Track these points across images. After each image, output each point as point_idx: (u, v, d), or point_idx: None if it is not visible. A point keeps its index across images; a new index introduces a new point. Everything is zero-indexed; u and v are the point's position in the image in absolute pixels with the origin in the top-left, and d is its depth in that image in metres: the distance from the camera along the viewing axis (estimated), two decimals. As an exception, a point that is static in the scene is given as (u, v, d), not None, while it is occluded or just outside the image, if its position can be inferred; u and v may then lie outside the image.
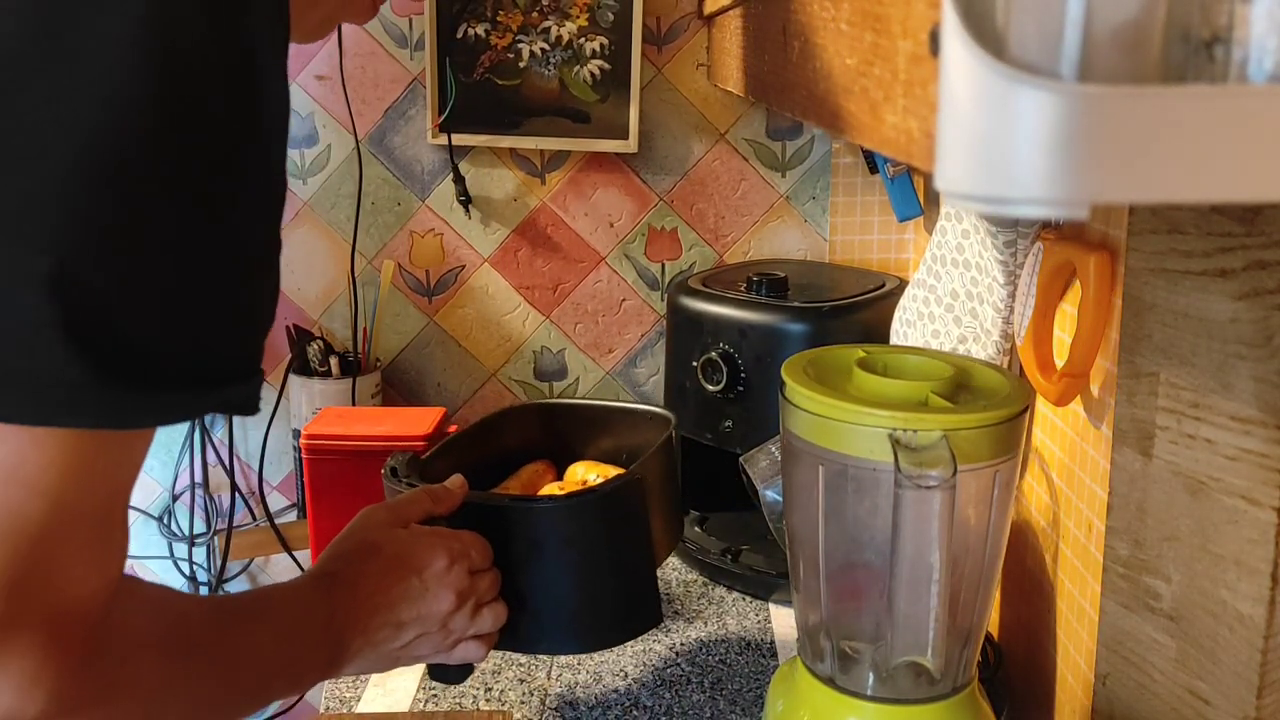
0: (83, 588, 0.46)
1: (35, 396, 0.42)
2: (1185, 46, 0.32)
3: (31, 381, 0.42)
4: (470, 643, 0.80)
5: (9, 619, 0.43)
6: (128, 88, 0.42)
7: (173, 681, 0.54)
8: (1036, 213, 0.32)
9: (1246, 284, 0.61)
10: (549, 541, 0.84)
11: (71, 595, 0.45)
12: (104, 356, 0.43)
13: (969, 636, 0.80)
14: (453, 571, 0.76)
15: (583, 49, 1.35)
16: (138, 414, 0.45)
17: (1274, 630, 0.62)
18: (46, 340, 0.42)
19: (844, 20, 0.52)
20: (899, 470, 0.69)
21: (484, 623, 0.80)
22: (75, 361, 0.42)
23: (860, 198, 1.44)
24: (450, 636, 0.78)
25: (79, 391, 0.43)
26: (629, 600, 0.88)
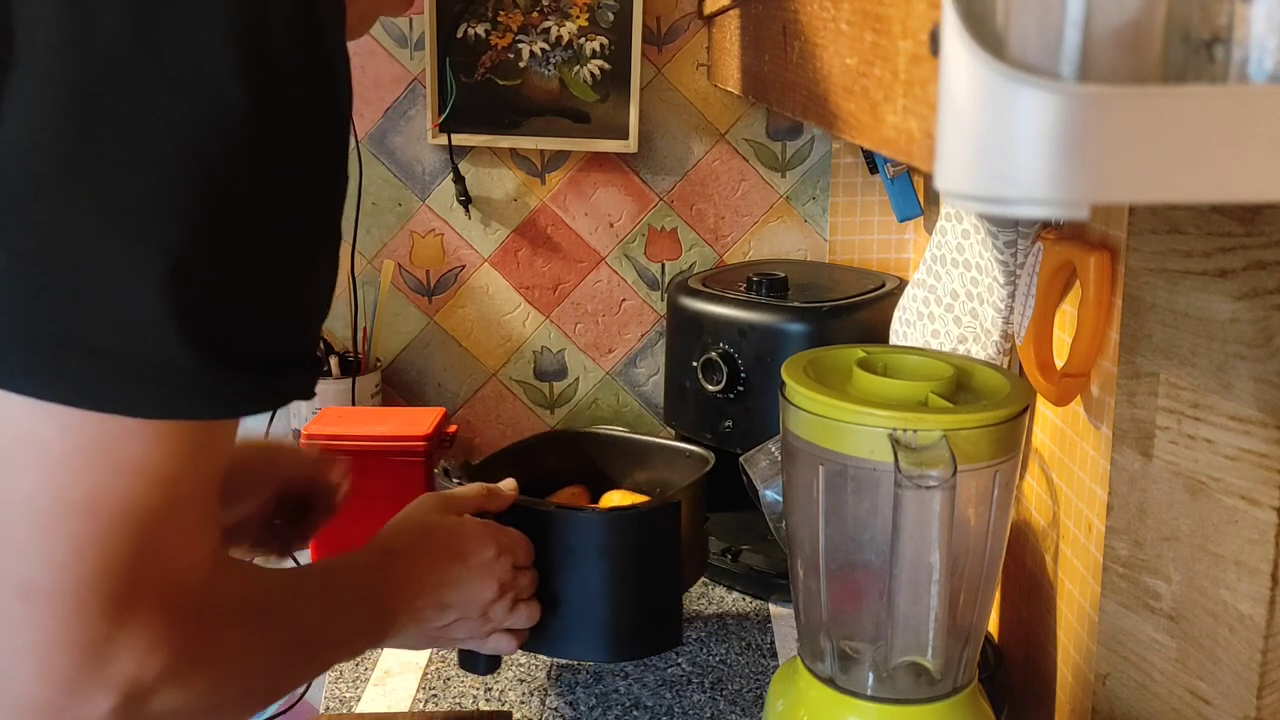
0: (189, 562, 0.50)
1: (153, 390, 0.46)
2: (1185, 46, 0.32)
3: (149, 375, 0.46)
4: (503, 635, 0.84)
5: (129, 595, 0.47)
6: (221, 95, 0.45)
7: (259, 647, 0.58)
8: (1036, 213, 0.32)
9: (1246, 284, 0.61)
10: (586, 550, 0.89)
11: (180, 570, 0.49)
12: (211, 349, 0.47)
13: (969, 636, 0.80)
14: (498, 563, 0.81)
15: (583, 49, 1.35)
16: (241, 403, 0.49)
17: (1274, 630, 0.62)
18: (161, 335, 0.45)
19: (844, 20, 0.52)
20: (899, 470, 0.69)
21: (519, 617, 0.84)
22: (186, 354, 0.46)
23: (860, 198, 1.44)
24: (487, 625, 0.81)
25: (190, 383, 0.46)
26: (653, 617, 0.93)
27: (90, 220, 0.45)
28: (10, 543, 0.46)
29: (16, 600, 0.46)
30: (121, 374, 0.45)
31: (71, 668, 0.46)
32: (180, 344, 0.46)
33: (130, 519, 0.47)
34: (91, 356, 0.45)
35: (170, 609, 0.49)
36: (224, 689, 0.54)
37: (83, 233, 0.45)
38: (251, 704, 0.61)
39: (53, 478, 0.46)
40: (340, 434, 1.11)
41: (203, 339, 0.46)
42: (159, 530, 0.48)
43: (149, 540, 0.48)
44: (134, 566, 0.47)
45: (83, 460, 0.46)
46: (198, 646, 0.51)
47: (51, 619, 0.46)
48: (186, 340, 0.46)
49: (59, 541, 0.46)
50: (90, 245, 0.45)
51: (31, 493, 0.46)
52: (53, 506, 0.46)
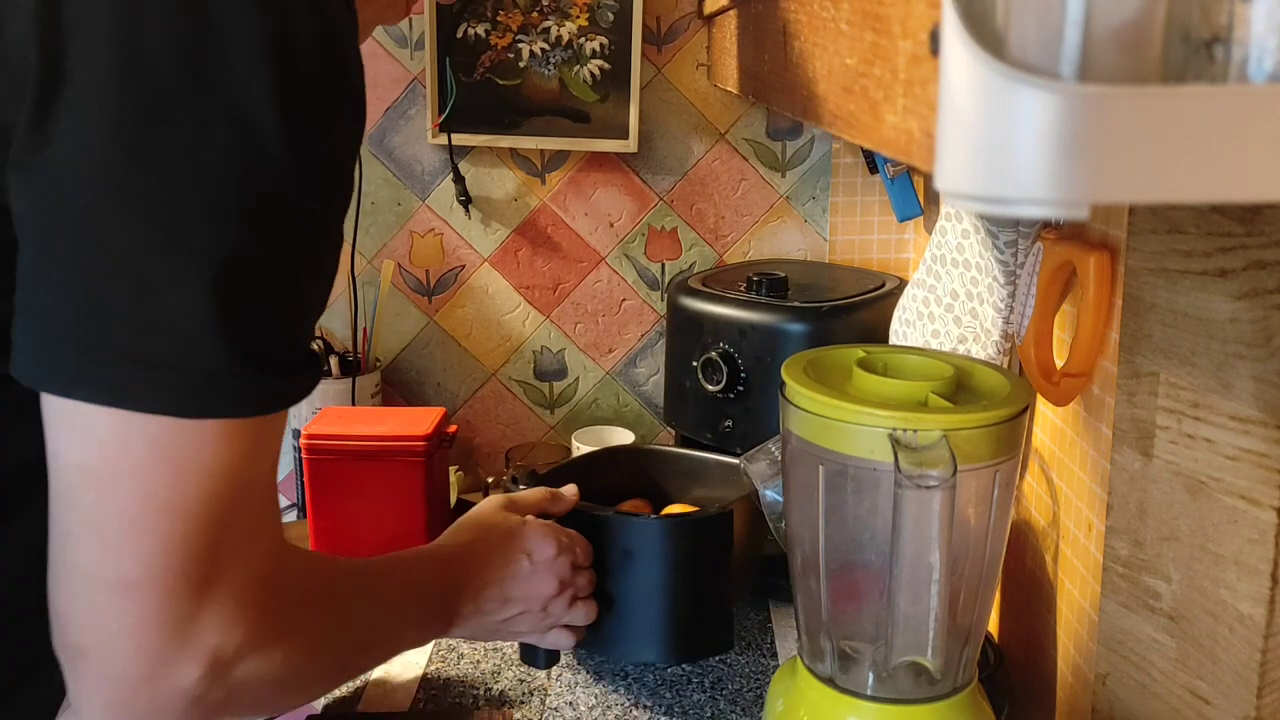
0: (258, 547, 0.56)
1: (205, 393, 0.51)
2: (1185, 46, 0.32)
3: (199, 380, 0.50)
4: (562, 631, 0.89)
5: (208, 579, 0.53)
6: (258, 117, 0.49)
7: (329, 626, 0.64)
8: (1036, 213, 0.32)
9: (1246, 284, 0.61)
10: (642, 555, 0.93)
11: (251, 553, 0.55)
12: (252, 351, 0.51)
13: (969, 636, 0.80)
14: (559, 561, 0.86)
15: (583, 49, 1.35)
16: (280, 399, 0.54)
17: (1274, 630, 0.62)
18: (209, 340, 0.50)
19: (844, 20, 0.52)
20: (899, 470, 0.69)
21: (577, 615, 0.88)
22: (232, 357, 0.51)
23: (860, 198, 1.44)
24: (547, 620, 0.86)
25: (237, 384, 0.51)
26: (706, 621, 0.97)
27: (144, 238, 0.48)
28: (105, 544, 0.51)
29: (113, 592, 0.51)
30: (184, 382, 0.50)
31: (163, 645, 0.52)
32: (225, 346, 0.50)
33: (205, 513, 0.52)
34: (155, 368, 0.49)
35: (244, 589, 0.54)
36: (297, 662, 0.59)
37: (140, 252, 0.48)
38: (324, 679, 0.67)
39: (139, 485, 0.51)
40: (340, 434, 1.11)
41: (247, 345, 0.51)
42: (230, 520, 0.53)
43: (222, 529, 0.53)
44: (211, 554, 0.53)
45: (162, 466, 0.51)
46: (271, 622, 0.56)
47: (143, 606, 0.51)
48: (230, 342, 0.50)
49: (146, 540, 0.51)
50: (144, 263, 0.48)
51: (121, 500, 0.51)
52: (140, 510, 0.51)
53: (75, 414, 0.50)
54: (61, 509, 0.52)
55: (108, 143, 0.47)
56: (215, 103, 0.48)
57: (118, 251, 0.48)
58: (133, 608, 0.51)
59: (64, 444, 0.51)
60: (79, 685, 0.53)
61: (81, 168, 0.48)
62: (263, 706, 0.60)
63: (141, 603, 0.51)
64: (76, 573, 0.52)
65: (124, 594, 0.51)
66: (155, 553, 0.51)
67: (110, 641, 0.52)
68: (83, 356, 0.49)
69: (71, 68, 0.47)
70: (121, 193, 0.48)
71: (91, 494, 0.51)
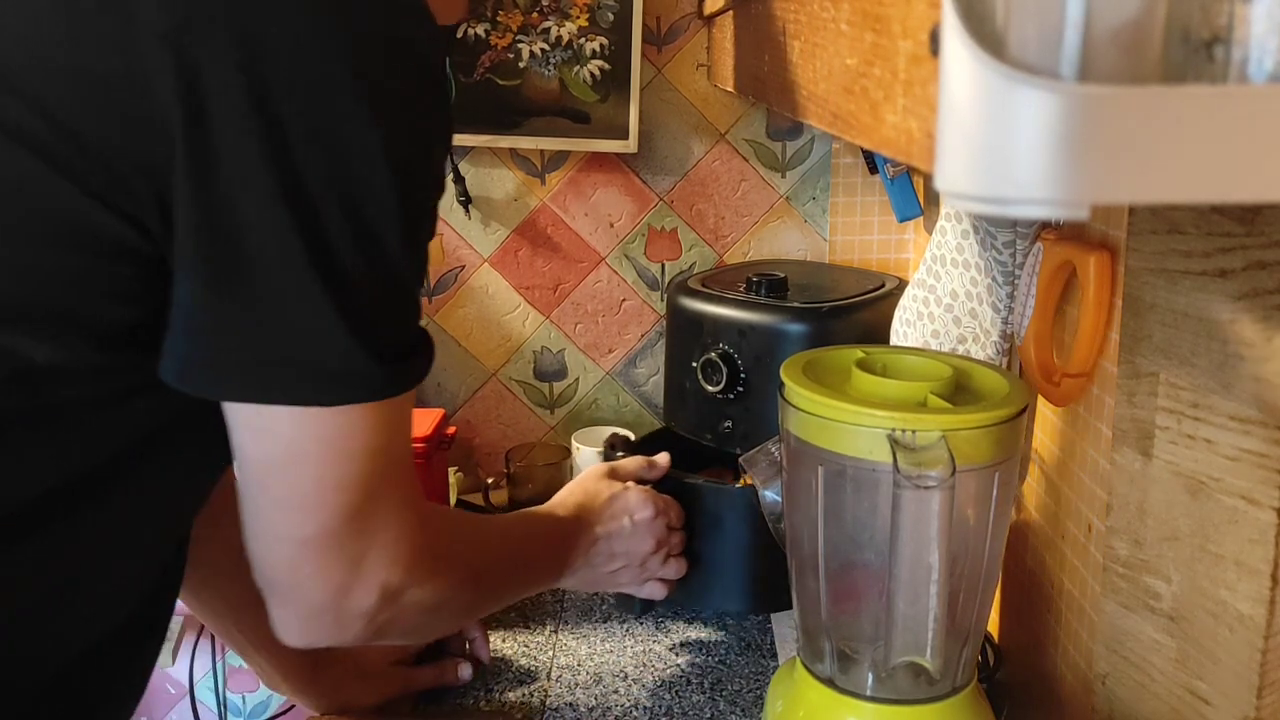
0: (406, 502, 0.68)
1: (353, 387, 0.61)
2: (1185, 46, 0.32)
3: (347, 378, 0.61)
4: (657, 583, 1.01)
5: (372, 531, 0.66)
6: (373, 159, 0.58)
7: (469, 567, 0.78)
8: (1036, 213, 0.32)
9: (1246, 284, 0.61)
10: (728, 518, 1.05)
11: (401, 507, 0.68)
12: (375, 345, 0.61)
13: (968, 637, 0.80)
14: (656, 522, 0.99)
15: (583, 49, 1.35)
16: (406, 381, 0.64)
17: (1274, 630, 0.62)
18: (339, 337, 0.59)
19: (844, 20, 0.52)
20: (898, 471, 0.69)
21: (670, 570, 1.01)
22: (369, 357, 0.61)
23: (860, 198, 1.44)
24: (645, 574, 0.99)
25: (370, 373, 0.61)
26: (782, 579, 1.02)
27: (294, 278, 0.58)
28: (289, 516, 0.65)
29: (301, 548, 0.65)
30: (336, 380, 0.61)
31: (343, 581, 0.66)
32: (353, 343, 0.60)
33: (363, 483, 0.64)
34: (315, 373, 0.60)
35: (400, 535, 0.68)
36: (445, 593, 0.73)
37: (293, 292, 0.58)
38: (466, 610, 0.84)
39: (310, 469, 0.63)
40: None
41: (365, 337, 0.60)
42: (382, 484, 0.65)
43: (378, 493, 0.65)
44: (370, 512, 0.65)
45: (326, 451, 0.63)
46: (424, 561, 0.69)
47: (325, 555, 0.65)
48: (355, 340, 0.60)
49: (320, 510, 0.64)
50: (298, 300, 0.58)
51: (299, 483, 0.63)
52: (312, 488, 0.63)
53: (256, 416, 0.61)
54: (254, 491, 0.65)
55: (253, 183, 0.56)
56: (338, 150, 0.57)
57: (273, 283, 0.58)
58: (316, 557, 0.65)
59: (248, 442, 0.63)
60: (281, 614, 0.68)
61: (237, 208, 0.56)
62: (417, 631, 0.76)
63: (323, 553, 0.65)
64: (271, 535, 0.66)
65: (308, 548, 0.65)
66: (328, 518, 0.64)
67: (303, 582, 0.66)
68: (258, 369, 0.60)
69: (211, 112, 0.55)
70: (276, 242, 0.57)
71: (274, 479, 0.64)
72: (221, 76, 0.54)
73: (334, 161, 0.57)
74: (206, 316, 0.58)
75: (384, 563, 0.67)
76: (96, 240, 0.57)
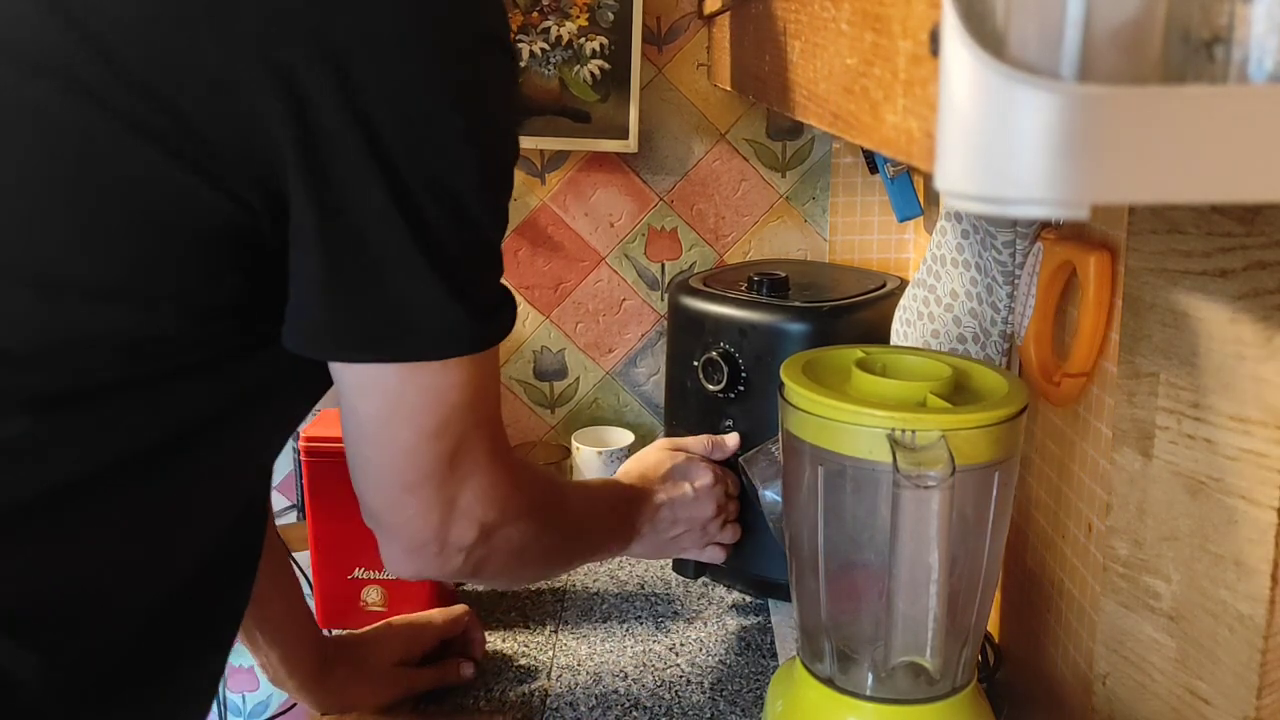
0: (498, 450, 0.75)
1: (449, 342, 0.67)
2: (1185, 46, 0.32)
3: (444, 335, 0.67)
4: (715, 547, 1.08)
5: (467, 475, 0.72)
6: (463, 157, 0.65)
7: (553, 517, 0.84)
8: (1036, 213, 0.32)
9: (1246, 284, 0.61)
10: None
11: (494, 454, 0.74)
12: (470, 305, 0.67)
13: (968, 637, 0.80)
14: (715, 489, 1.05)
15: (583, 49, 1.34)
16: (497, 334, 0.70)
17: (1274, 630, 0.62)
18: (440, 300, 0.65)
19: (844, 20, 0.52)
20: (897, 470, 0.69)
21: (728, 535, 1.07)
22: (458, 310, 0.66)
23: (860, 198, 1.44)
24: (705, 538, 1.05)
25: (467, 329, 0.67)
26: None
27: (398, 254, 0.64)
28: (395, 464, 0.71)
29: (406, 491, 0.72)
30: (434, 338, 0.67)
31: (443, 519, 0.73)
32: (453, 304, 0.66)
33: (459, 431, 0.70)
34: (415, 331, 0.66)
35: (494, 479, 0.74)
36: (533, 537, 0.79)
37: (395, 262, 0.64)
38: (551, 560, 0.89)
39: (413, 422, 0.69)
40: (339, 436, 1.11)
41: (462, 297, 0.66)
42: (477, 431, 0.72)
43: (472, 440, 0.72)
44: (466, 457, 0.72)
45: (426, 403, 0.69)
46: (515, 504, 0.76)
47: (428, 497, 0.72)
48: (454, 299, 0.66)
49: (422, 458, 0.70)
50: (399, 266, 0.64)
51: (402, 435, 0.70)
52: (415, 439, 0.70)
53: (363, 375, 0.68)
54: (362, 445, 0.71)
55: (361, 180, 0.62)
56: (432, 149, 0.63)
57: (383, 261, 0.64)
58: (420, 499, 0.72)
59: (357, 400, 0.69)
60: (390, 551, 0.75)
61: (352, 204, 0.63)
62: (508, 571, 0.82)
63: (426, 496, 0.72)
64: (378, 481, 0.73)
65: (413, 491, 0.72)
66: (429, 462, 0.71)
67: (409, 521, 0.73)
68: (371, 333, 0.66)
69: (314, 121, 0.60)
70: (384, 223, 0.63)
71: (381, 432, 0.70)
72: (315, 74, 0.59)
73: (423, 143, 0.63)
74: (324, 291, 0.65)
75: (480, 502, 0.73)
76: (202, 221, 0.62)
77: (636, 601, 1.19)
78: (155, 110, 0.59)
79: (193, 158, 0.60)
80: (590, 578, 1.24)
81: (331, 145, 0.61)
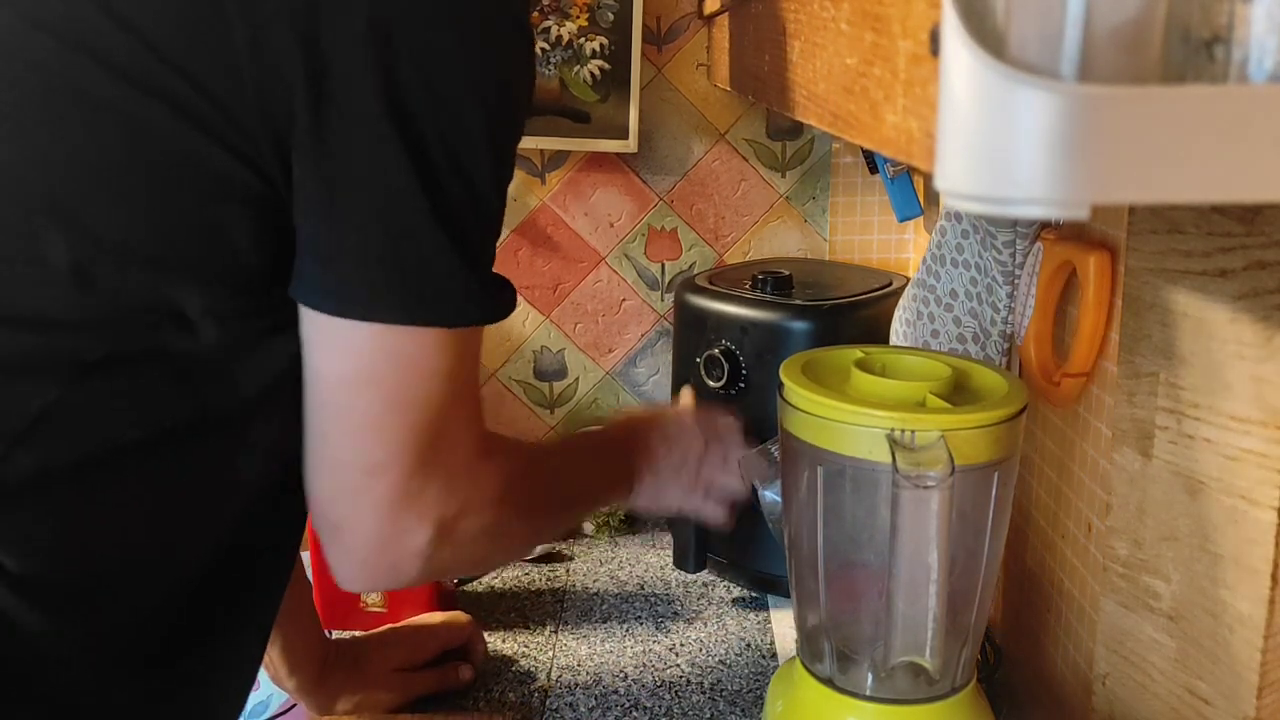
0: (471, 431, 0.71)
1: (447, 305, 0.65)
2: (1185, 46, 0.32)
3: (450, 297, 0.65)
4: (717, 504, 1.00)
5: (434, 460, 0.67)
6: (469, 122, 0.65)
7: (532, 493, 0.80)
8: (1036, 213, 0.32)
9: (1246, 284, 0.61)
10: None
11: (466, 436, 0.70)
12: (477, 269, 0.66)
13: (968, 636, 0.80)
14: (702, 420, 1.01)
15: (583, 49, 1.34)
16: (500, 309, 0.69)
17: (1274, 630, 0.62)
18: (446, 262, 0.64)
19: (844, 20, 0.52)
20: (897, 470, 0.69)
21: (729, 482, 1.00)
22: (465, 275, 0.65)
23: (860, 198, 1.44)
24: (700, 481, 0.99)
25: (473, 296, 0.66)
26: None
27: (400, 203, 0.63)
28: (357, 439, 0.66)
29: (364, 475, 0.67)
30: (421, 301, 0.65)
31: (400, 514, 0.67)
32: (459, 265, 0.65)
33: (431, 407, 0.66)
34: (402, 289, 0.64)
35: (461, 466, 0.69)
36: (507, 522, 0.75)
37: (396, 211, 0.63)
38: (531, 536, 0.87)
39: (381, 389, 0.66)
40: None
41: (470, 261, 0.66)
42: (449, 412, 0.68)
43: (444, 419, 0.67)
44: (435, 440, 0.67)
45: (399, 372, 0.65)
46: (483, 490, 0.71)
47: (388, 484, 0.67)
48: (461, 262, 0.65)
49: (389, 433, 0.66)
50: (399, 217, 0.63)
51: (368, 402, 0.66)
52: (382, 409, 0.66)
53: (336, 332, 0.64)
54: (321, 416, 0.67)
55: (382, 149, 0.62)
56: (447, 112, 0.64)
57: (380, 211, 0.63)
58: (380, 486, 0.67)
59: (324, 360, 0.66)
60: (335, 553, 0.70)
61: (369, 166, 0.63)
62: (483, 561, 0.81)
63: (387, 482, 0.67)
64: (334, 464, 0.68)
65: (373, 476, 0.67)
66: (394, 443, 0.66)
67: (361, 516, 0.68)
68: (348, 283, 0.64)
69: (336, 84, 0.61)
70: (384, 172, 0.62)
71: (345, 398, 0.66)
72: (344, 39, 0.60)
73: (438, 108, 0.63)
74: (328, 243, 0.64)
75: (442, 494, 0.69)
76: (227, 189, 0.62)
77: (636, 601, 1.19)
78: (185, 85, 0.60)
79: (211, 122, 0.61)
80: (590, 578, 1.25)
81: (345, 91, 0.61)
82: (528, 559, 1.29)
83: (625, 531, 1.36)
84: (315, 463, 0.69)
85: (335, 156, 0.62)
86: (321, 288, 0.65)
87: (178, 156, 0.61)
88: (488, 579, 1.25)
